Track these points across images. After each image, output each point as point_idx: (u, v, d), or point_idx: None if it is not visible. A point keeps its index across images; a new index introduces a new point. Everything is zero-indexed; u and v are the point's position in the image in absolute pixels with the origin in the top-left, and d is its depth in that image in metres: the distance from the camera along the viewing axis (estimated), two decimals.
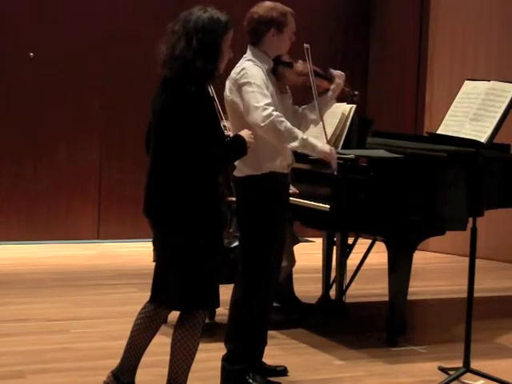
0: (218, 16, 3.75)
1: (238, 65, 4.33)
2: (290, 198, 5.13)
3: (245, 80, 4.21)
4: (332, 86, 4.57)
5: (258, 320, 4.38)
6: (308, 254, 7.34)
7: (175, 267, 3.73)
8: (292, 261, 5.55)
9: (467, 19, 8.46)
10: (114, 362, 3.95)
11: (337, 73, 4.58)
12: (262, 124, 4.10)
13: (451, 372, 4.60)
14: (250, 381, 4.36)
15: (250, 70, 4.24)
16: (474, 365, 4.55)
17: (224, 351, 4.42)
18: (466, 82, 4.66)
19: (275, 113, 4.11)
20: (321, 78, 4.58)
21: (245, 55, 4.37)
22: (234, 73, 4.30)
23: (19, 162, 8.26)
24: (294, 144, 4.20)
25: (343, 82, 4.61)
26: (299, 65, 4.50)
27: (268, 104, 4.12)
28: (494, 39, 8.26)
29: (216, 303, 3.91)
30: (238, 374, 4.36)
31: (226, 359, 4.39)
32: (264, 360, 4.62)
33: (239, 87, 4.22)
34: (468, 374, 4.55)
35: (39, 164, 8.31)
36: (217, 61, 3.74)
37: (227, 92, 4.30)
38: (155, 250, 3.93)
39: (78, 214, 8.46)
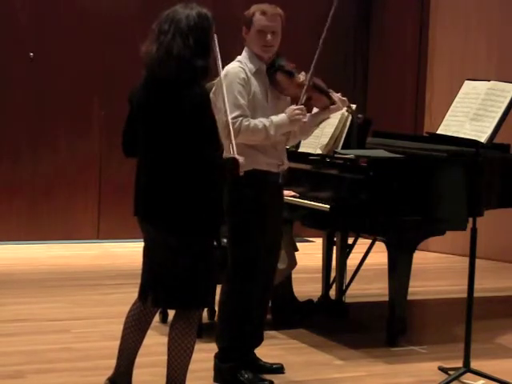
0: (205, 12, 3.73)
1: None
2: (290, 199, 5.15)
3: (225, 83, 4.20)
4: (332, 107, 4.55)
5: (246, 318, 4.41)
6: (308, 254, 7.34)
7: (170, 266, 3.72)
8: (292, 263, 5.54)
9: (467, 19, 8.45)
10: (114, 362, 3.94)
11: (339, 97, 4.55)
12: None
13: (451, 372, 4.60)
14: (242, 378, 4.39)
15: (229, 74, 4.29)
16: (474, 365, 4.55)
17: None
18: (466, 82, 4.66)
19: (243, 122, 4.21)
20: (322, 95, 4.55)
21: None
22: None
23: (19, 162, 8.26)
24: (266, 135, 4.27)
25: (344, 106, 4.62)
26: (301, 76, 4.44)
27: (237, 116, 4.20)
28: (494, 39, 8.26)
29: (209, 303, 3.89)
30: (230, 371, 4.40)
31: (217, 356, 4.44)
32: (264, 360, 4.63)
33: (221, 88, 4.26)
34: (468, 374, 4.55)
35: (39, 164, 8.31)
36: (210, 57, 3.73)
37: (214, 92, 4.31)
38: (147, 248, 3.91)
39: (78, 213, 8.46)
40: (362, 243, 5.94)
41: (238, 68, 4.33)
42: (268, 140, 4.30)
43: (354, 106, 5.17)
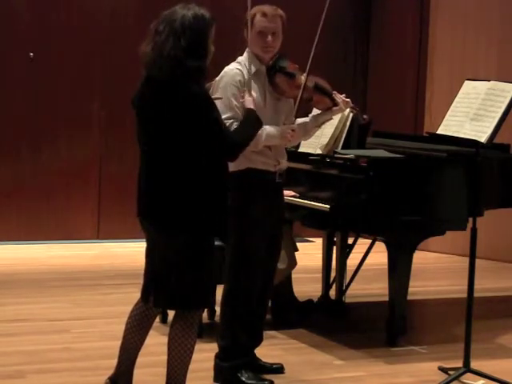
0: (202, 12, 3.73)
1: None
2: (290, 199, 5.14)
3: (221, 85, 4.28)
4: (334, 108, 4.57)
5: (246, 318, 4.41)
6: (308, 254, 7.34)
7: (171, 266, 3.72)
8: (292, 263, 5.54)
9: (467, 19, 8.46)
10: (114, 362, 3.94)
11: (343, 99, 4.56)
12: None
13: (451, 372, 4.60)
14: (242, 378, 4.40)
15: (226, 76, 4.31)
16: (474, 365, 4.55)
17: None
18: (466, 82, 4.66)
19: (233, 125, 4.16)
20: (324, 96, 4.54)
21: None
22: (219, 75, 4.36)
23: (18, 163, 8.26)
24: (256, 142, 4.23)
25: (347, 107, 4.63)
26: (302, 77, 4.43)
27: (228, 118, 4.18)
28: (494, 39, 8.27)
29: (209, 303, 3.89)
30: (230, 370, 4.41)
31: (218, 356, 4.45)
32: (264, 360, 4.63)
33: (217, 89, 4.30)
34: (468, 374, 4.55)
35: (39, 164, 8.31)
36: (206, 58, 3.73)
37: (212, 92, 4.33)
38: (148, 248, 3.91)
39: (78, 213, 8.46)
40: (362, 243, 5.94)
41: (235, 70, 4.33)
42: (255, 147, 4.26)
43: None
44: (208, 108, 3.68)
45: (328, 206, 4.99)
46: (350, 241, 5.88)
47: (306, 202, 5.19)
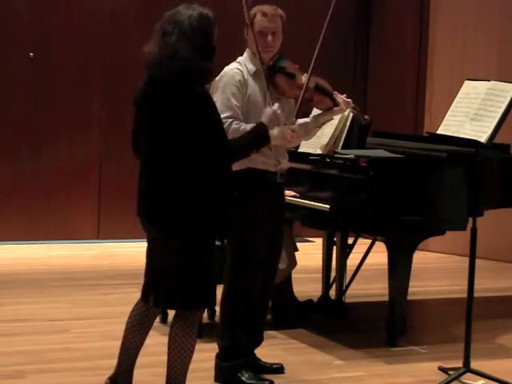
0: (207, 12, 3.73)
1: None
2: (290, 199, 5.14)
3: (220, 84, 4.29)
4: (335, 109, 4.57)
5: (246, 318, 4.42)
6: (308, 254, 7.34)
7: (171, 266, 3.72)
8: (292, 263, 5.54)
9: (467, 19, 8.46)
10: (114, 362, 3.94)
11: (344, 99, 4.57)
12: None
13: (451, 372, 4.60)
14: (243, 379, 4.40)
15: (225, 75, 4.31)
16: (474, 365, 4.55)
17: None
18: (466, 82, 4.66)
19: (233, 124, 4.17)
20: (325, 96, 4.54)
21: None
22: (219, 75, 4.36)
23: (18, 163, 8.26)
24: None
25: (348, 108, 4.63)
26: (303, 77, 4.42)
27: (227, 117, 4.16)
28: (494, 39, 8.27)
29: (209, 303, 3.91)
30: (230, 370, 4.41)
31: (218, 356, 4.45)
32: (264, 360, 4.63)
33: (217, 89, 4.31)
34: (468, 374, 4.55)
35: (39, 164, 8.31)
36: (213, 58, 3.73)
37: (212, 92, 4.33)
38: (149, 248, 3.91)
39: (78, 213, 8.46)
40: (362, 243, 5.94)
41: (235, 70, 4.33)
42: None
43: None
44: (210, 109, 3.69)
45: (328, 206, 4.99)
46: (350, 241, 5.88)
47: (306, 202, 5.19)
